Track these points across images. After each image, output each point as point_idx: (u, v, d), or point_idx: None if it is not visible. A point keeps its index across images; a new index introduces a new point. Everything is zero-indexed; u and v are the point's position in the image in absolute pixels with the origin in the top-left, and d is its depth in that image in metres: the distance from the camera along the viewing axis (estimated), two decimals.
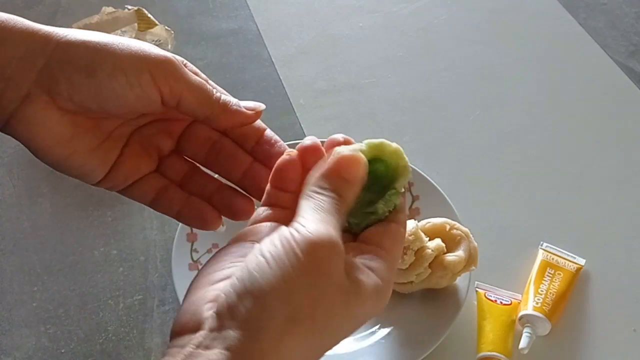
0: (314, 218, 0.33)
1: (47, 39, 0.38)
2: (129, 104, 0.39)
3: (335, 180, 0.36)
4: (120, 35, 0.81)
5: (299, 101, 0.85)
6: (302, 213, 0.34)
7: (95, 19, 0.81)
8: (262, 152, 0.43)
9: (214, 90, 0.42)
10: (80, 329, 0.64)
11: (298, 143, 0.41)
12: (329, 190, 0.35)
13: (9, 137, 0.40)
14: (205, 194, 0.44)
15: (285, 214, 0.38)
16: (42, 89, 0.38)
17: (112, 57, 0.38)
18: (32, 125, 0.38)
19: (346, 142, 0.39)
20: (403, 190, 0.40)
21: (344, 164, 0.36)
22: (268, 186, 0.40)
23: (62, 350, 0.63)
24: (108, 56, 0.38)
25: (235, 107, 0.42)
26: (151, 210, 0.72)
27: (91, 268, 0.69)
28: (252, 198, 0.43)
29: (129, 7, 0.84)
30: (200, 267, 0.66)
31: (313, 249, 0.32)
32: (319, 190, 0.35)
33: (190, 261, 0.66)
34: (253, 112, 0.42)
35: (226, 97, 0.42)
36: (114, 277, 0.68)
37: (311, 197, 0.35)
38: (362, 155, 0.37)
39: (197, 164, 0.45)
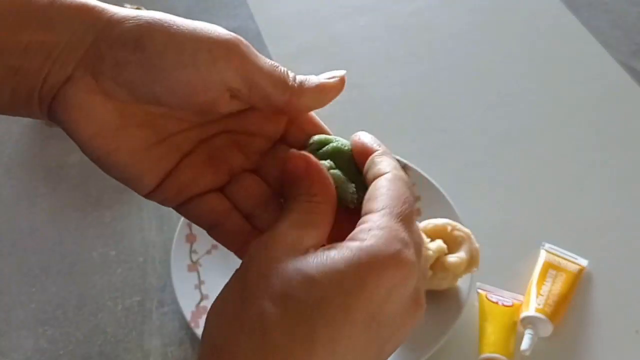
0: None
1: (99, 15, 0.34)
2: (181, 89, 0.34)
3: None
4: None
5: None
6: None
7: None
8: None
9: (288, 72, 0.36)
10: (78, 330, 0.64)
11: None
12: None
13: (7, 137, 0.39)
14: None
15: None
16: (85, 69, 0.33)
17: (164, 31, 0.33)
18: (72, 108, 0.34)
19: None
20: None
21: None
22: None
23: (61, 352, 0.62)
24: (159, 31, 0.33)
25: (314, 83, 0.36)
26: (150, 210, 0.73)
27: (89, 269, 0.69)
28: None
29: (128, 5, 0.84)
30: (199, 268, 0.66)
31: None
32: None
33: (189, 262, 0.66)
34: (337, 80, 0.37)
35: (301, 76, 0.36)
36: (112, 279, 0.68)
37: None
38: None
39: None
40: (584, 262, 0.67)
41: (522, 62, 0.90)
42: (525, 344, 0.60)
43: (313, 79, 0.36)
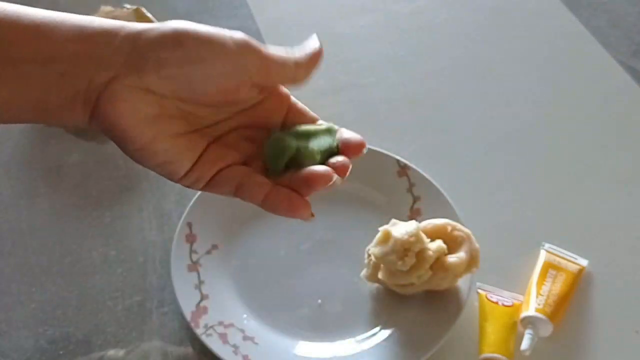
0: None
1: (138, 30, 0.41)
2: (215, 77, 0.41)
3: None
4: None
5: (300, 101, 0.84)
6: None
7: None
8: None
9: (292, 53, 0.45)
10: (78, 330, 0.64)
11: None
12: None
13: (7, 137, 0.39)
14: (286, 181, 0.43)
15: None
16: (129, 69, 0.40)
17: (196, 32, 0.41)
18: (117, 100, 0.39)
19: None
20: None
21: None
22: None
23: (61, 352, 0.62)
24: (192, 32, 0.41)
25: (305, 59, 0.45)
26: (150, 210, 0.73)
27: (89, 269, 0.69)
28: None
29: (128, 6, 0.84)
30: (199, 268, 0.66)
31: None
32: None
33: (190, 262, 0.66)
34: (315, 54, 0.45)
35: (295, 53, 0.45)
36: (112, 279, 0.68)
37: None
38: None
39: None
40: (584, 262, 0.67)
41: (522, 62, 0.90)
42: (525, 344, 0.60)
43: (302, 57, 0.45)
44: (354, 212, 0.71)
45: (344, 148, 0.44)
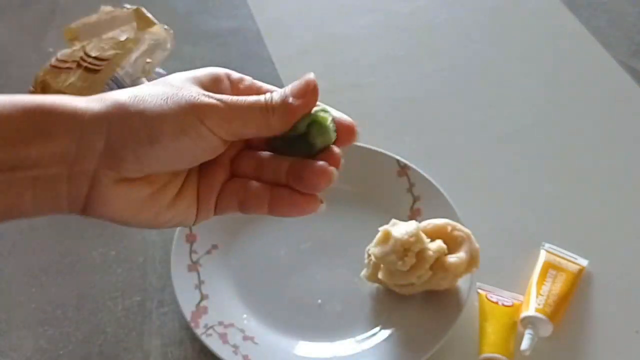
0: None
1: (98, 117, 0.37)
2: (197, 157, 0.39)
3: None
4: (119, 35, 0.81)
5: None
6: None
7: (93, 18, 0.81)
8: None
9: (265, 104, 0.40)
10: (78, 330, 0.64)
11: None
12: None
13: None
14: (282, 178, 0.41)
15: None
16: (108, 168, 0.37)
17: (170, 120, 0.37)
18: (109, 202, 0.38)
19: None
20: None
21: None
22: None
23: (61, 352, 0.62)
24: (166, 120, 0.37)
25: (290, 108, 0.41)
26: None
27: (90, 269, 0.69)
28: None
29: (128, 6, 0.84)
30: (199, 268, 0.66)
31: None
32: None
33: (190, 262, 0.66)
34: (305, 94, 0.42)
35: (276, 99, 0.41)
36: (112, 279, 0.68)
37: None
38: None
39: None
40: (584, 262, 0.67)
41: (522, 62, 0.91)
42: (525, 344, 0.60)
43: (288, 106, 0.41)
44: (354, 212, 0.71)
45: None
